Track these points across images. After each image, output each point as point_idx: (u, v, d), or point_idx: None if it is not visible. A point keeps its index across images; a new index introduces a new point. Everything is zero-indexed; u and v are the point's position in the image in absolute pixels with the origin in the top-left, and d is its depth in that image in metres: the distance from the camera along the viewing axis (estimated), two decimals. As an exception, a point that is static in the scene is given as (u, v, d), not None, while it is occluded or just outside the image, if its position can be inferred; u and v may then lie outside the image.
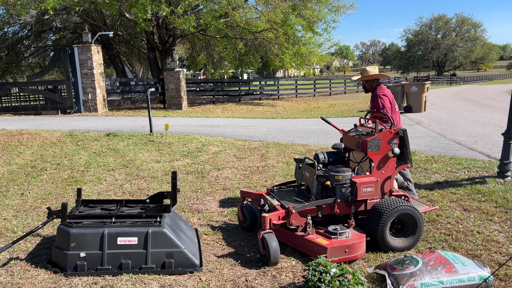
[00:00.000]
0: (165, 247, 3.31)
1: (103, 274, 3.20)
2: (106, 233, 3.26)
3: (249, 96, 24.87)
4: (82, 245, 3.22)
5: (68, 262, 3.19)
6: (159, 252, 3.30)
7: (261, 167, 6.80)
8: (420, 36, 63.37)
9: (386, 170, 3.88)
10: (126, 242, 3.27)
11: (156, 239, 3.31)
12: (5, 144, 8.43)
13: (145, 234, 3.29)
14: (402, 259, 3.19)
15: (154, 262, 3.28)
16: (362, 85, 4.90)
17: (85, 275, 3.18)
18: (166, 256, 3.30)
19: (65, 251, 3.22)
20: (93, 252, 3.22)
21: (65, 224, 3.33)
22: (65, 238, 3.24)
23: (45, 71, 16.02)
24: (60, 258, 3.25)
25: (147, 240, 3.28)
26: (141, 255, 3.27)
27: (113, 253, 3.24)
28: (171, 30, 19.65)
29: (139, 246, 3.28)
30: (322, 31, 21.10)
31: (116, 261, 3.24)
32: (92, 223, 3.37)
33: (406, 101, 14.80)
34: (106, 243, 3.24)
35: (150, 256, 3.28)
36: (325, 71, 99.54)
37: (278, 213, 3.62)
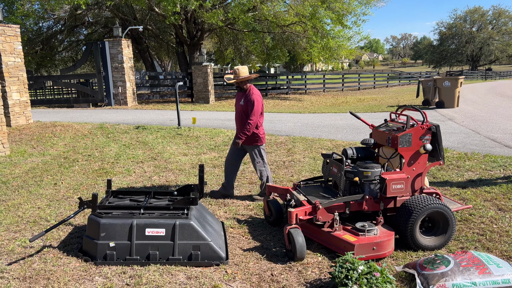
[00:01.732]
0: (191, 239, 3.34)
1: (132, 264, 3.26)
2: (135, 224, 3.31)
3: (276, 90, 24.78)
4: (111, 235, 3.29)
5: (98, 251, 3.27)
6: (186, 244, 3.33)
7: (287, 162, 6.76)
8: (454, 29, 61.26)
9: (417, 167, 3.77)
10: (154, 233, 3.32)
11: (183, 231, 3.34)
12: (40, 136, 8.72)
13: (172, 225, 3.33)
14: (432, 259, 3.09)
15: (181, 253, 3.32)
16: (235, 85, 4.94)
17: (114, 264, 3.25)
18: (193, 248, 3.33)
19: (95, 240, 3.29)
20: (122, 242, 3.28)
21: (96, 214, 3.41)
22: (95, 227, 3.32)
23: (78, 65, 16.45)
24: (91, 247, 3.33)
25: (174, 231, 3.32)
26: (169, 247, 3.31)
27: (141, 244, 3.29)
28: (199, 24, 19.78)
29: (167, 238, 3.32)
30: (352, 24, 20.81)
31: (144, 252, 3.29)
32: (121, 214, 3.43)
33: (438, 96, 14.37)
34: (135, 234, 3.29)
35: (177, 247, 3.31)
36: (354, 65, 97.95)
37: (305, 209, 3.59)
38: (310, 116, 12.83)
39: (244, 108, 4.81)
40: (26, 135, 8.92)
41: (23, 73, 10.43)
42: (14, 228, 4.04)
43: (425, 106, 14.76)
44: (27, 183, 5.63)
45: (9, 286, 2.96)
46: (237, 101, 4.97)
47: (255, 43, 22.19)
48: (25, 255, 3.45)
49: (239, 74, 4.80)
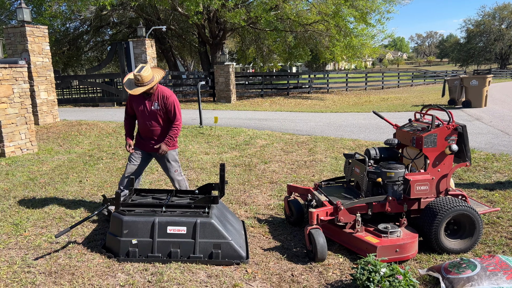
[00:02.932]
0: (212, 238, 3.36)
1: (153, 261, 3.30)
2: (157, 221, 3.35)
3: (298, 89, 24.65)
4: (134, 232, 3.34)
5: (121, 248, 3.32)
6: (206, 243, 3.35)
7: (308, 162, 6.72)
8: (482, 26, 59.51)
9: (442, 168, 3.67)
10: (175, 231, 3.35)
11: (204, 229, 3.36)
12: (66, 134, 8.94)
13: (193, 224, 3.35)
14: (458, 262, 3.01)
15: (202, 252, 3.34)
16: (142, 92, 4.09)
17: (137, 261, 3.30)
18: (214, 246, 3.34)
19: (118, 237, 3.35)
20: (144, 239, 3.33)
21: (119, 211, 3.46)
22: (118, 225, 3.37)
23: (103, 65, 16.80)
24: (114, 244, 3.39)
25: (195, 230, 3.34)
26: (190, 245, 3.34)
27: (163, 242, 3.33)
28: (221, 23, 19.87)
29: (188, 236, 3.34)
30: (376, 22, 20.42)
31: (166, 249, 3.32)
32: (143, 212, 3.48)
33: (464, 96, 14.00)
34: (157, 232, 3.33)
35: (198, 245, 3.33)
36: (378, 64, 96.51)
37: (326, 209, 3.55)
38: (332, 116, 12.71)
39: (160, 112, 4.16)
40: (53, 133, 9.16)
41: (51, 73, 10.71)
42: (40, 224, 4.15)
43: (451, 105, 14.41)
44: (53, 180, 5.78)
45: (35, 280, 3.05)
46: (144, 106, 4.16)
47: (277, 42, 22.13)
48: (51, 250, 3.54)
49: (146, 79, 4.00)
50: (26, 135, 7.51)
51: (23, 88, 7.48)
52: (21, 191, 5.23)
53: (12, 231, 3.96)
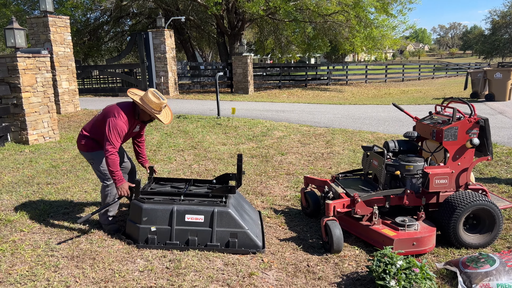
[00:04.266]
0: (229, 227, 3.40)
1: (171, 249, 3.36)
2: (175, 209, 3.41)
3: (316, 81, 24.47)
4: (153, 219, 3.40)
5: (140, 235, 3.39)
6: (223, 231, 3.39)
7: (325, 154, 6.69)
8: (508, 17, 57.71)
9: (462, 162, 3.62)
10: (193, 220, 3.41)
11: (221, 218, 3.41)
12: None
13: (211, 213, 3.40)
14: (476, 257, 2.98)
15: (219, 240, 3.39)
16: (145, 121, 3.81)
17: (155, 248, 3.37)
18: (230, 235, 3.39)
19: (138, 224, 3.42)
20: (162, 227, 3.39)
21: (138, 199, 3.53)
22: (137, 212, 3.44)
23: (122, 55, 16.98)
24: (133, 230, 3.47)
25: (213, 218, 3.39)
26: (207, 233, 3.39)
27: (181, 229, 3.39)
28: (240, 14, 19.82)
29: (205, 224, 3.40)
30: (397, 13, 20.07)
31: (184, 237, 3.39)
32: (162, 200, 3.54)
33: (488, 89, 13.66)
34: (175, 219, 3.39)
35: (215, 234, 3.38)
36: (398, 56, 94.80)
37: (343, 201, 3.55)
38: (351, 108, 12.59)
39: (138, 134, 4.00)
40: (74, 122, 9.35)
41: (72, 63, 10.90)
42: (63, 210, 4.27)
43: (473, 98, 14.09)
44: (75, 167, 5.91)
45: (58, 264, 3.15)
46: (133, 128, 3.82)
47: (296, 33, 21.97)
48: (73, 235, 3.64)
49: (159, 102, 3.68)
50: (49, 123, 7.69)
51: (46, 78, 7.64)
52: (44, 178, 5.38)
53: (36, 216, 4.08)
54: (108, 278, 2.96)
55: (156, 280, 2.95)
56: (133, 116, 3.70)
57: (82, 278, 2.96)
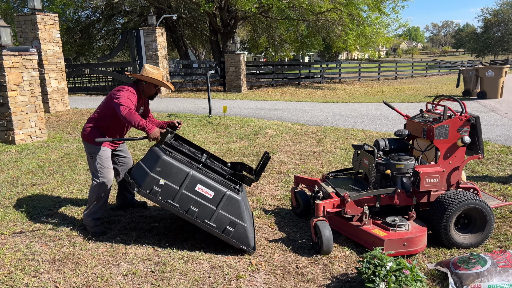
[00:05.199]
0: (232, 215, 3.28)
1: (170, 209, 3.21)
2: (191, 174, 3.25)
3: (309, 79, 24.41)
4: (166, 173, 3.24)
5: (146, 182, 3.21)
6: (225, 216, 3.27)
7: (317, 153, 6.63)
8: (500, 16, 58.09)
9: (453, 160, 3.57)
10: (202, 192, 3.26)
11: (229, 203, 3.28)
12: (76, 122, 8.98)
13: (223, 194, 3.27)
14: (467, 258, 2.92)
15: (217, 223, 3.25)
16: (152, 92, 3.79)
17: (155, 201, 3.20)
18: (230, 223, 3.27)
19: (149, 171, 3.24)
20: (171, 185, 3.22)
21: (160, 148, 3.39)
22: (154, 160, 3.28)
23: (113, 53, 16.82)
24: (141, 175, 3.30)
25: (221, 199, 3.26)
26: (209, 211, 3.25)
27: (187, 196, 3.23)
28: (233, 12, 19.70)
29: (212, 202, 3.26)
30: (390, 11, 20.10)
31: (186, 204, 3.23)
32: (182, 159, 3.39)
33: (480, 87, 13.69)
34: (186, 183, 3.23)
35: (216, 215, 3.25)
36: (392, 54, 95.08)
37: (333, 201, 3.48)
38: (343, 106, 12.55)
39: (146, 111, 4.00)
40: (63, 121, 9.21)
41: (61, 61, 10.74)
42: (47, 212, 4.16)
43: (465, 96, 14.11)
44: (61, 168, 5.80)
45: (38, 268, 3.05)
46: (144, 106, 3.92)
47: (289, 31, 21.87)
48: (56, 238, 3.54)
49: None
50: (36, 123, 7.55)
51: (33, 76, 7.50)
52: (29, 179, 5.26)
53: (19, 218, 3.98)
54: (90, 283, 2.87)
55: (140, 284, 2.86)
56: (138, 95, 3.69)
57: (63, 283, 2.86)
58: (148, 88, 3.71)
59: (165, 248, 3.37)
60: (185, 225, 3.87)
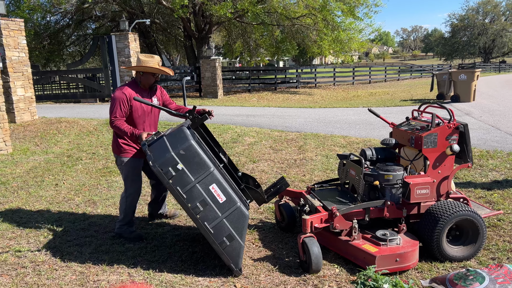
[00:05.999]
0: (233, 229, 3.03)
1: (175, 196, 2.96)
2: (212, 171, 3.00)
3: (285, 84, 24.38)
4: (187, 160, 2.96)
5: (164, 160, 2.94)
6: (226, 227, 3.01)
7: (298, 160, 6.46)
8: (466, 21, 60.03)
9: (443, 170, 3.44)
10: (215, 194, 3.01)
11: (235, 216, 3.03)
12: (44, 132, 8.52)
13: (234, 203, 3.03)
14: (464, 274, 2.78)
15: (216, 230, 3.00)
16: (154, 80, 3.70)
17: (165, 182, 2.92)
18: (227, 236, 3.02)
19: (171, 149, 2.97)
20: (188, 174, 2.96)
21: (191, 131, 3.15)
22: (181, 141, 3.00)
23: (84, 60, 16.28)
24: (161, 150, 3.01)
25: (230, 209, 3.03)
26: (213, 215, 3.00)
27: (199, 191, 2.98)
28: (207, 17, 19.46)
29: (220, 208, 3.01)
30: (363, 16, 20.27)
31: (193, 199, 2.97)
32: (207, 152, 3.11)
33: (453, 90, 13.90)
34: (203, 179, 2.98)
35: (218, 223, 3.01)
36: (364, 58, 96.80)
37: (320, 216, 3.29)
38: (321, 111, 12.48)
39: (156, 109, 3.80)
40: (30, 131, 8.73)
41: (28, 68, 10.23)
42: (9, 234, 3.80)
43: (439, 100, 14.31)
44: (27, 183, 5.41)
45: (-3, 303, 2.73)
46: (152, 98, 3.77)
47: (264, 36, 21.80)
48: (19, 266, 3.20)
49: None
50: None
51: (-4, 85, 7.04)
52: (-9, 197, 4.86)
53: (-23, 243, 3.61)
54: (57, 318, 2.57)
55: (114, 317, 2.58)
56: (136, 86, 3.64)
57: (25, 320, 2.55)
58: (147, 79, 3.62)
59: (141, 273, 3.09)
60: (161, 245, 3.60)
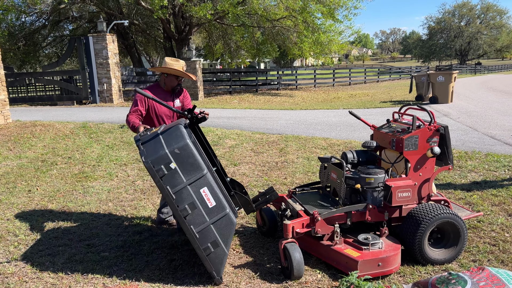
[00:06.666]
0: (220, 236, 2.94)
1: (164, 195, 2.87)
2: (205, 174, 2.91)
3: (267, 86, 24.37)
4: (181, 159, 2.88)
5: (157, 157, 2.85)
6: (212, 233, 2.92)
7: (280, 163, 6.40)
8: (443, 23, 61.42)
9: (424, 172, 3.43)
10: (205, 197, 2.92)
11: (223, 222, 2.95)
12: (18, 136, 8.24)
13: (223, 210, 2.95)
14: (446, 278, 2.75)
15: (201, 235, 2.90)
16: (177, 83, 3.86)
17: (155, 180, 2.85)
18: (212, 242, 2.92)
19: (166, 147, 2.89)
20: (180, 174, 2.87)
21: (188, 130, 3.06)
22: (177, 139, 2.93)
23: (60, 61, 15.90)
24: (155, 146, 2.92)
25: (219, 215, 2.94)
26: (201, 220, 2.90)
27: (189, 193, 2.88)
28: (187, 18, 19.26)
29: (208, 213, 2.92)
30: (343, 18, 20.37)
31: (182, 201, 2.88)
32: (202, 154, 3.00)
33: (431, 92, 14.12)
34: (195, 181, 2.89)
35: (204, 228, 2.91)
36: (344, 60, 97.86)
37: (302, 220, 3.23)
38: (302, 113, 12.48)
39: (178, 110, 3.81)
40: (3, 135, 8.42)
41: (1, 70, 9.89)
42: (-24, 245, 3.62)
43: (418, 101, 14.51)
44: (-2, 190, 5.18)
45: (-39, 320, 2.57)
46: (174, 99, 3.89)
47: (245, 38, 21.73)
48: (-15, 279, 3.04)
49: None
50: (-30, 139, 6.80)
51: (-35, 87, 6.76)
52: (-42, 205, 4.64)
53: None
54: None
55: (87, 332, 2.45)
56: (159, 87, 3.82)
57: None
58: (170, 81, 3.78)
59: (116, 283, 2.97)
60: (139, 253, 3.48)
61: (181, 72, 3.72)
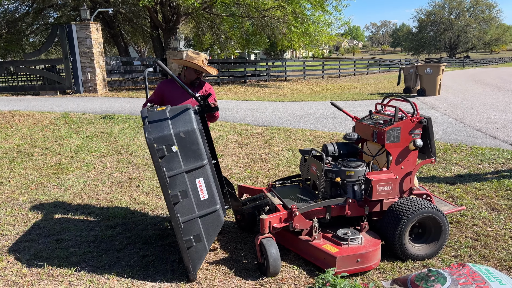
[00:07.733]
0: (204, 231, 2.85)
1: (159, 177, 2.73)
2: (204, 165, 2.82)
3: (255, 77, 24.15)
4: (184, 144, 2.78)
5: (161, 136, 2.73)
6: (197, 227, 2.83)
7: (264, 155, 6.27)
8: (433, 16, 61.50)
9: (406, 165, 3.32)
10: (199, 189, 2.82)
11: (211, 218, 2.86)
12: (-6, 127, 7.98)
13: (214, 205, 2.86)
14: (426, 275, 2.66)
15: (186, 226, 2.79)
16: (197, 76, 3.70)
17: (154, 159, 2.71)
18: (196, 236, 2.82)
19: (172, 128, 2.78)
20: (179, 159, 2.76)
21: (197, 117, 2.94)
22: (185, 122, 2.81)
23: (42, 50, 15.53)
24: (161, 125, 2.80)
25: (208, 210, 2.85)
26: (189, 211, 2.80)
27: (183, 180, 2.78)
28: (175, 7, 18.91)
29: (199, 205, 2.82)
30: (332, 9, 20.31)
31: (175, 187, 2.76)
32: (205, 144, 2.91)
33: (419, 84, 14.08)
34: (193, 170, 2.79)
35: (191, 220, 2.81)
36: (334, 52, 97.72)
37: (279, 215, 3.11)
38: (290, 105, 12.34)
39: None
40: (-20, 126, 8.15)
41: (-22, 58, 9.55)
42: None
43: (406, 93, 14.47)
44: (-31, 182, 4.98)
45: None
46: (182, 95, 3.69)
47: (234, 28, 21.45)
48: None
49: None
50: None
51: None
52: None
53: None
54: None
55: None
56: (181, 81, 3.48)
57: None
58: (189, 74, 3.66)
59: (83, 281, 2.82)
60: (110, 249, 3.33)
61: (199, 66, 3.57)
